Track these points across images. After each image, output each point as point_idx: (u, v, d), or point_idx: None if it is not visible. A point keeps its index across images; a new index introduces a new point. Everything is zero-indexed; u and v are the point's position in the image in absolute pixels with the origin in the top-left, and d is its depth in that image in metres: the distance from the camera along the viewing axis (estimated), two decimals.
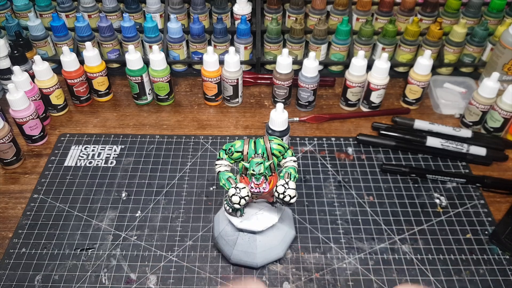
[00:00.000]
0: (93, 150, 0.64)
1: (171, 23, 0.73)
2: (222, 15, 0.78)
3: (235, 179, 0.40)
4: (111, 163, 0.62)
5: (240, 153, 0.38)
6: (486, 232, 0.54)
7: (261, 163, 0.37)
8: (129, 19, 0.74)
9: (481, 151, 0.63)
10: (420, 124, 0.67)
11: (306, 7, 0.81)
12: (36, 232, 0.53)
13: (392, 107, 0.74)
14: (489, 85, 0.64)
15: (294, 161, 0.39)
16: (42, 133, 0.64)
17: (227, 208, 0.41)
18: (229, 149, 0.39)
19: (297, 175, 0.38)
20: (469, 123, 0.69)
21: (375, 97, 0.70)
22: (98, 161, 0.62)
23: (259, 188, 0.37)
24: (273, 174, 0.40)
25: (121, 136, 0.67)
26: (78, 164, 0.62)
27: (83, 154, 0.64)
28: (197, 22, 0.75)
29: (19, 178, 0.60)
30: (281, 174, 0.39)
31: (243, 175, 0.40)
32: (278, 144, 0.39)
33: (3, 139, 0.57)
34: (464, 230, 0.54)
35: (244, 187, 0.37)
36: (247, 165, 0.37)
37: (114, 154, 0.64)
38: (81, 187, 0.58)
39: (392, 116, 0.71)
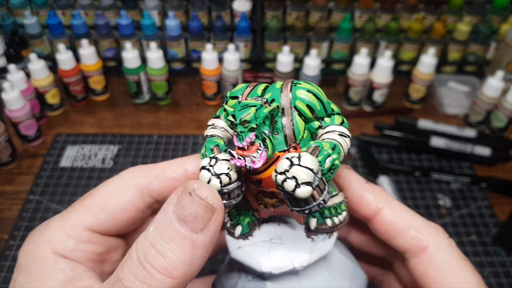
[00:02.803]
0: (89, 151, 0.63)
1: (169, 20, 0.72)
2: (221, 12, 0.76)
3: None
4: (108, 163, 0.61)
5: (238, 102, 0.20)
6: (490, 234, 0.53)
7: (254, 106, 0.18)
8: (126, 16, 0.73)
9: (485, 151, 0.62)
10: (423, 123, 0.66)
11: (307, 4, 0.80)
12: None
13: (396, 107, 0.73)
14: (493, 84, 0.63)
15: (341, 135, 0.19)
16: (37, 133, 0.63)
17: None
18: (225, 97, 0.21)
19: (336, 158, 0.18)
20: (473, 122, 0.68)
21: (378, 96, 0.69)
22: (95, 162, 0.61)
23: (244, 159, 0.18)
24: (292, 147, 0.20)
25: (118, 136, 0.66)
26: (75, 165, 0.61)
27: (80, 154, 0.62)
28: (196, 19, 0.73)
29: (15, 178, 0.59)
30: (303, 149, 0.19)
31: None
32: (308, 91, 0.19)
33: None
34: (468, 232, 0.53)
35: (227, 160, 0.19)
36: (230, 110, 0.18)
37: (111, 155, 0.62)
38: (77, 188, 0.57)
39: (395, 115, 0.70)
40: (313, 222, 0.21)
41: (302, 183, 0.16)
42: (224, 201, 0.19)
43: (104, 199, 0.21)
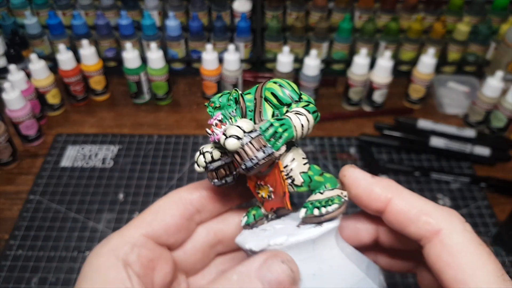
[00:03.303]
0: (90, 151, 0.63)
1: (170, 20, 0.72)
2: (221, 13, 0.76)
3: None
4: (109, 163, 0.61)
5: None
6: (490, 234, 0.53)
7: (222, 93, 0.23)
8: (127, 16, 0.73)
9: (485, 151, 0.62)
10: (423, 124, 0.66)
11: (307, 4, 0.80)
12: (33, 233, 0.52)
13: (395, 107, 0.73)
14: (493, 84, 0.63)
15: (297, 113, 0.21)
16: (38, 133, 0.63)
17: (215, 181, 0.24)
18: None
19: (278, 126, 0.20)
20: (473, 122, 0.68)
21: (377, 96, 0.69)
22: (95, 162, 0.61)
23: (212, 134, 0.21)
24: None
25: (119, 136, 0.66)
26: (75, 165, 0.61)
27: (80, 154, 0.63)
28: (196, 19, 0.74)
29: (15, 178, 0.59)
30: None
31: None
32: (274, 82, 0.22)
33: (0, 139, 0.56)
34: None
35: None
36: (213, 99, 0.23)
37: (112, 155, 0.63)
38: (78, 188, 0.57)
39: (395, 115, 0.70)
40: (302, 212, 0.22)
41: (229, 136, 0.20)
42: (215, 180, 0.23)
43: (155, 210, 0.25)
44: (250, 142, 0.20)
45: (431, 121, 0.67)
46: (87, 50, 0.66)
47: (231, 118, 0.22)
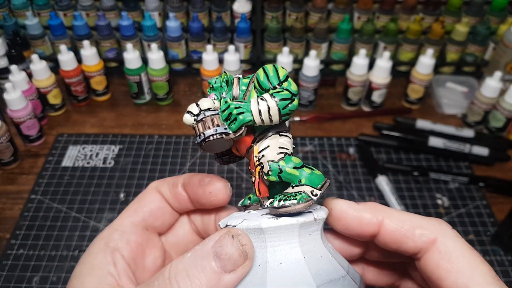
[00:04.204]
0: (91, 150, 0.63)
1: (170, 21, 0.73)
2: (221, 13, 0.77)
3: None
4: (109, 163, 0.61)
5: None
6: (488, 233, 0.53)
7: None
8: (128, 17, 0.73)
9: (483, 151, 0.62)
10: (422, 124, 0.67)
11: (306, 5, 0.80)
12: (34, 233, 0.52)
13: (394, 107, 0.73)
14: (492, 84, 0.63)
15: (261, 99, 0.21)
16: (39, 133, 0.64)
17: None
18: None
19: (233, 108, 0.21)
20: (471, 123, 0.68)
21: (376, 97, 0.69)
22: (96, 162, 0.62)
23: None
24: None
25: (120, 136, 0.66)
26: (76, 165, 0.61)
27: (81, 154, 0.63)
28: (196, 20, 0.74)
29: (16, 178, 0.59)
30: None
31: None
32: (263, 68, 0.22)
33: (1, 139, 0.57)
34: (466, 231, 0.54)
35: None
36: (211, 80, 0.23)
37: (113, 154, 0.63)
38: (79, 187, 0.58)
39: (394, 115, 0.70)
40: (266, 202, 0.22)
41: (186, 112, 0.21)
42: (215, 158, 0.25)
43: (137, 200, 0.27)
44: (202, 119, 0.21)
45: (429, 121, 0.67)
46: (88, 51, 0.67)
47: (221, 99, 0.22)
